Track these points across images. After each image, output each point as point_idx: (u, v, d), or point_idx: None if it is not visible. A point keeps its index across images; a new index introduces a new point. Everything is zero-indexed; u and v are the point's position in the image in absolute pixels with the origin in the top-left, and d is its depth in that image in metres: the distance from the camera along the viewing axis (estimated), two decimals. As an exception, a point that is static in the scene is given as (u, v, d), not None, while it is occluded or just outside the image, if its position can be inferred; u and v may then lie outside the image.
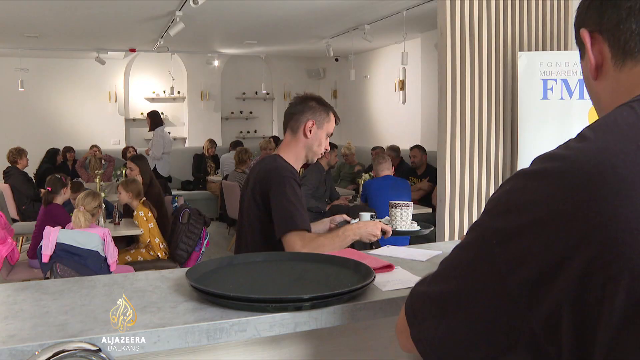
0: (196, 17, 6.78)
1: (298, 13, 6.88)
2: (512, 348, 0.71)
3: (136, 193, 4.98)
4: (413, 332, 0.84)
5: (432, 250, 1.80)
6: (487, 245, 0.74)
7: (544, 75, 4.25)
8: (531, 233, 0.69)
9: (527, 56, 4.27)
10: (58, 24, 7.36)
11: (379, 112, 9.99)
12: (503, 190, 0.77)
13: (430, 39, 8.05)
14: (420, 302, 0.84)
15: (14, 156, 7.41)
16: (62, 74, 10.27)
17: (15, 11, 6.51)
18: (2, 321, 1.19)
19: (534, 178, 0.73)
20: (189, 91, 11.07)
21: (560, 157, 0.72)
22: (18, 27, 7.49)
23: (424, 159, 6.95)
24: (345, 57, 10.24)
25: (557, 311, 0.66)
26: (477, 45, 4.37)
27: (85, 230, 4.13)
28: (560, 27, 4.62)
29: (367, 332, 1.50)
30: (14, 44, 8.82)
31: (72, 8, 6.36)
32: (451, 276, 0.80)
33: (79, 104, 10.43)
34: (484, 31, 4.38)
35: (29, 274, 4.80)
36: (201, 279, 1.38)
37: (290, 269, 1.51)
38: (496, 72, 4.44)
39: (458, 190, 4.43)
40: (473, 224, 0.80)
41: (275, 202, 2.26)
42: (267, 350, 1.39)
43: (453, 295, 0.78)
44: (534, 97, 4.26)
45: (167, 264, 4.91)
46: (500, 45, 4.45)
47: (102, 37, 8.50)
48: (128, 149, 9.50)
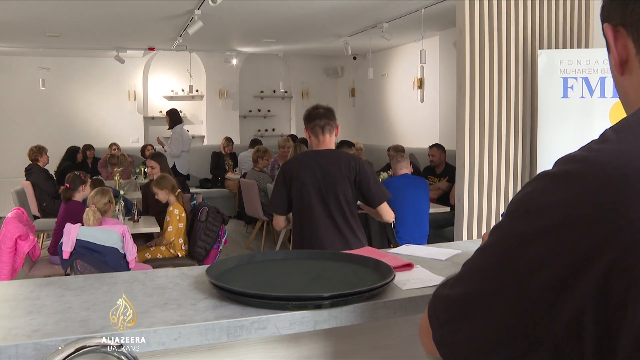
0: (215, 16, 6.81)
1: (316, 11, 6.88)
2: (534, 351, 0.71)
3: (170, 187, 5.03)
4: (435, 335, 0.83)
5: (451, 249, 1.79)
6: (508, 248, 0.73)
7: (564, 73, 4.21)
8: (552, 236, 0.68)
9: (547, 54, 4.23)
10: (78, 24, 7.43)
11: (397, 111, 9.96)
12: (524, 192, 0.76)
13: (449, 37, 8.01)
14: (443, 304, 0.84)
15: (35, 154, 7.50)
16: (82, 72, 10.36)
17: (38, 11, 6.59)
18: (27, 316, 1.20)
19: (555, 180, 0.72)
20: (208, 89, 11.11)
21: (581, 158, 0.71)
22: (40, 26, 7.58)
23: (443, 158, 6.90)
24: (364, 56, 10.23)
25: (579, 315, 0.65)
26: (497, 43, 4.34)
27: (104, 227, 4.17)
28: (581, 25, 4.57)
29: (386, 331, 1.50)
30: (36, 44, 8.92)
31: (92, 7, 6.41)
32: (473, 279, 0.79)
33: (99, 102, 10.52)
34: (503, 29, 4.35)
35: (50, 270, 4.86)
36: (221, 276, 1.39)
37: (309, 267, 1.51)
38: (515, 70, 4.41)
39: (477, 189, 4.40)
40: (494, 226, 0.80)
41: (372, 181, 3.22)
42: (286, 348, 1.40)
43: (475, 298, 0.77)
44: (553, 95, 4.22)
45: (185, 261, 4.94)
46: (520, 43, 4.42)
47: (122, 36, 8.57)
48: (146, 147, 9.57)
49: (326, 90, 12.03)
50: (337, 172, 3.16)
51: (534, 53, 4.38)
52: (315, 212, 3.16)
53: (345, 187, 3.16)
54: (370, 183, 3.18)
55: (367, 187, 3.18)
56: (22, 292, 1.37)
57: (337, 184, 3.15)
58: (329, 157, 3.22)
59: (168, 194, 5.01)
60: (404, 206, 5.16)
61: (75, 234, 4.00)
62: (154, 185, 5.07)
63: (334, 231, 3.17)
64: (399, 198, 5.21)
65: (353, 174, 3.16)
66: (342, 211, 3.17)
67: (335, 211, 3.16)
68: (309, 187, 3.16)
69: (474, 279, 0.79)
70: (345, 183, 3.16)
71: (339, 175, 3.15)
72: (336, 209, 3.16)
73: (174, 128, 8.76)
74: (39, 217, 7.04)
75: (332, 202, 3.15)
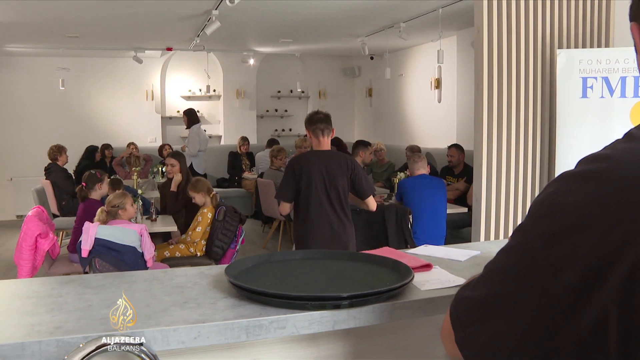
0: (232, 16, 6.83)
1: (333, 11, 6.88)
2: (558, 353, 0.70)
3: (206, 189, 5.08)
4: (457, 337, 0.83)
5: (470, 250, 1.78)
6: (530, 249, 0.73)
7: (583, 73, 4.17)
8: (575, 236, 0.67)
9: (566, 53, 4.19)
10: (97, 24, 7.49)
11: (414, 111, 9.93)
12: (547, 192, 0.76)
13: (467, 37, 7.97)
14: (464, 306, 0.83)
15: (54, 153, 7.57)
16: (101, 72, 10.44)
17: (58, 13, 6.65)
18: (49, 313, 1.22)
19: (578, 180, 0.71)
20: (225, 89, 11.15)
21: (605, 157, 0.70)
22: (60, 27, 7.65)
23: (462, 159, 6.87)
24: (381, 56, 10.20)
25: (603, 316, 0.65)
26: (515, 43, 4.31)
27: (123, 226, 4.20)
28: (601, 23, 4.52)
29: (404, 332, 1.50)
30: (56, 44, 9.01)
31: (111, 8, 6.46)
32: (495, 280, 0.79)
33: (117, 102, 10.60)
34: (521, 28, 4.32)
35: (69, 268, 4.91)
36: (240, 275, 1.39)
37: (328, 267, 1.52)
38: (534, 70, 4.38)
39: (494, 190, 4.38)
40: (517, 227, 0.79)
41: (363, 177, 4.02)
42: (304, 347, 1.40)
43: (497, 299, 0.77)
44: (573, 95, 4.18)
45: (202, 260, 4.96)
46: (539, 43, 4.38)
47: (140, 37, 8.62)
48: (164, 147, 9.63)
49: (343, 90, 12.02)
50: (338, 169, 3.94)
51: (553, 53, 4.34)
52: (320, 199, 3.92)
53: (344, 182, 3.95)
54: (362, 179, 4.02)
55: (359, 182, 3.99)
56: (44, 290, 1.39)
57: (338, 179, 3.93)
58: (331, 157, 4.00)
59: (205, 196, 5.06)
60: (421, 207, 5.15)
61: (94, 233, 4.03)
62: (190, 189, 5.11)
63: (333, 214, 3.95)
64: (416, 198, 5.19)
65: (349, 171, 3.96)
66: (340, 200, 3.96)
67: (334, 200, 3.94)
68: (317, 181, 3.90)
69: (496, 281, 0.78)
70: (344, 178, 3.95)
71: (339, 172, 3.93)
72: (335, 198, 3.94)
73: (191, 127, 8.80)
74: (58, 215, 7.12)
75: (333, 192, 3.93)
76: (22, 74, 10.01)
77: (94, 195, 5.15)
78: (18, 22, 7.17)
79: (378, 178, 8.21)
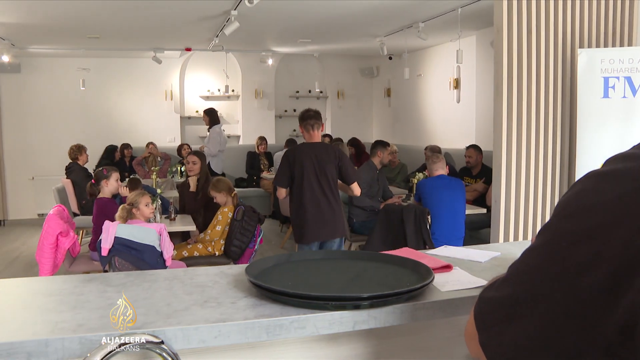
0: (251, 16, 6.85)
1: (352, 11, 6.87)
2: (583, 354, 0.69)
3: (227, 189, 5.10)
4: (481, 338, 0.82)
5: (490, 252, 1.77)
6: (556, 248, 0.72)
7: (605, 72, 4.12)
8: (603, 235, 0.67)
9: (588, 53, 4.15)
10: (118, 25, 7.56)
11: (433, 111, 9.89)
12: (573, 191, 0.75)
13: (486, 37, 7.92)
14: (489, 306, 0.83)
15: (75, 153, 7.65)
16: (121, 73, 10.53)
17: (79, 14, 6.72)
18: (71, 310, 1.23)
19: (605, 179, 0.71)
20: (243, 89, 11.19)
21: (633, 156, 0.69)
22: (81, 28, 7.73)
23: (480, 160, 6.82)
24: (399, 56, 10.17)
25: (632, 316, 0.64)
26: (535, 43, 4.28)
27: (142, 225, 4.23)
28: (624, 22, 4.47)
29: (424, 332, 1.49)
30: (77, 45, 9.11)
31: (131, 9, 6.52)
32: (520, 280, 0.78)
33: (136, 102, 10.68)
34: (542, 28, 4.28)
35: (89, 266, 4.96)
36: (260, 275, 1.39)
37: (348, 267, 1.51)
38: (554, 70, 4.34)
39: (514, 191, 4.35)
40: (542, 226, 0.78)
41: (349, 165, 4.68)
42: (324, 348, 1.40)
43: (522, 299, 0.76)
44: (594, 95, 4.14)
45: (220, 260, 4.98)
46: (559, 42, 4.34)
47: (159, 37, 8.68)
48: (183, 147, 9.69)
49: (361, 90, 12.00)
50: (327, 158, 4.59)
51: (574, 52, 4.30)
52: (312, 185, 4.56)
53: (332, 169, 4.60)
54: (347, 167, 4.67)
55: (345, 169, 4.65)
56: (67, 288, 1.40)
57: (327, 166, 4.58)
58: (321, 148, 4.67)
59: (226, 196, 5.09)
60: (439, 207, 5.13)
61: (114, 231, 4.07)
62: (211, 189, 5.13)
63: (323, 198, 4.58)
64: (434, 199, 5.17)
65: (337, 160, 4.62)
66: (329, 185, 4.60)
67: (325, 185, 4.57)
68: (309, 169, 4.55)
69: (521, 281, 0.78)
70: (332, 166, 4.60)
71: (328, 160, 4.59)
72: (325, 183, 4.58)
73: (212, 127, 8.82)
74: (78, 214, 7.19)
75: (323, 179, 4.57)
76: (44, 74, 10.14)
77: (103, 192, 5.21)
78: (40, 23, 7.26)
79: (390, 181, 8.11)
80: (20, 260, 7.26)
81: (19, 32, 7.81)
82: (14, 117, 10.04)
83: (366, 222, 6.00)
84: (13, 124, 10.05)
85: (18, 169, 10.10)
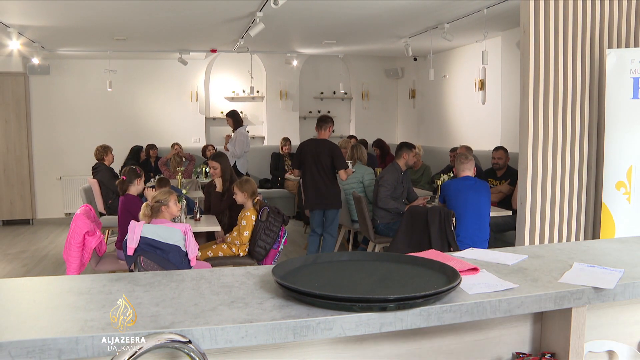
0: (276, 18, 6.87)
1: (377, 13, 6.86)
2: None
3: (251, 192, 5.12)
4: None
5: (517, 254, 1.76)
6: None
7: (635, 73, 4.06)
8: None
9: (617, 53, 4.08)
10: (144, 27, 7.64)
11: (458, 113, 9.82)
12: None
13: (512, 37, 7.85)
14: None
15: (101, 153, 7.75)
16: (147, 74, 10.64)
17: (106, 16, 6.81)
18: (100, 309, 1.25)
19: None
20: (268, 91, 11.22)
21: None
22: (108, 31, 7.83)
23: (507, 161, 6.75)
24: (424, 57, 10.13)
25: None
26: (562, 43, 4.23)
27: (167, 225, 4.26)
28: (654, 23, 4.39)
29: (451, 335, 1.48)
30: (105, 47, 9.23)
31: (157, 11, 6.58)
32: None
33: (162, 103, 10.78)
34: (569, 28, 4.23)
35: (115, 265, 5.02)
36: (286, 276, 1.40)
37: (374, 269, 1.51)
38: (582, 70, 4.28)
39: (539, 193, 4.30)
40: None
41: (338, 157, 6.19)
42: (350, 349, 1.40)
43: None
44: (623, 96, 4.07)
45: (244, 260, 5.00)
46: (587, 43, 4.29)
47: (185, 39, 8.75)
48: (207, 147, 9.75)
49: (386, 91, 11.97)
50: (323, 151, 6.15)
51: (602, 52, 4.24)
52: (312, 169, 6.19)
53: (326, 158, 6.14)
54: (337, 158, 6.14)
55: (335, 159, 6.13)
56: (96, 287, 1.42)
57: (322, 157, 6.14)
58: (321, 143, 6.24)
59: (247, 198, 5.11)
60: (465, 209, 5.08)
61: (140, 231, 4.11)
62: (236, 185, 5.16)
63: (319, 178, 6.17)
64: (460, 200, 5.13)
65: (330, 152, 6.14)
66: (326, 172, 6.16)
67: (320, 170, 6.15)
68: (309, 158, 6.19)
69: None
70: (328, 157, 6.14)
71: (323, 153, 6.14)
72: (321, 169, 6.15)
73: (238, 129, 8.85)
74: (104, 214, 7.28)
75: (319, 165, 6.15)
76: (72, 76, 10.29)
77: (132, 190, 5.28)
78: (69, 26, 7.37)
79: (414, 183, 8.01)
80: (49, 258, 7.37)
81: (49, 35, 7.94)
82: (43, 118, 10.21)
83: (390, 223, 5.98)
84: (42, 125, 10.21)
85: (46, 169, 10.27)
